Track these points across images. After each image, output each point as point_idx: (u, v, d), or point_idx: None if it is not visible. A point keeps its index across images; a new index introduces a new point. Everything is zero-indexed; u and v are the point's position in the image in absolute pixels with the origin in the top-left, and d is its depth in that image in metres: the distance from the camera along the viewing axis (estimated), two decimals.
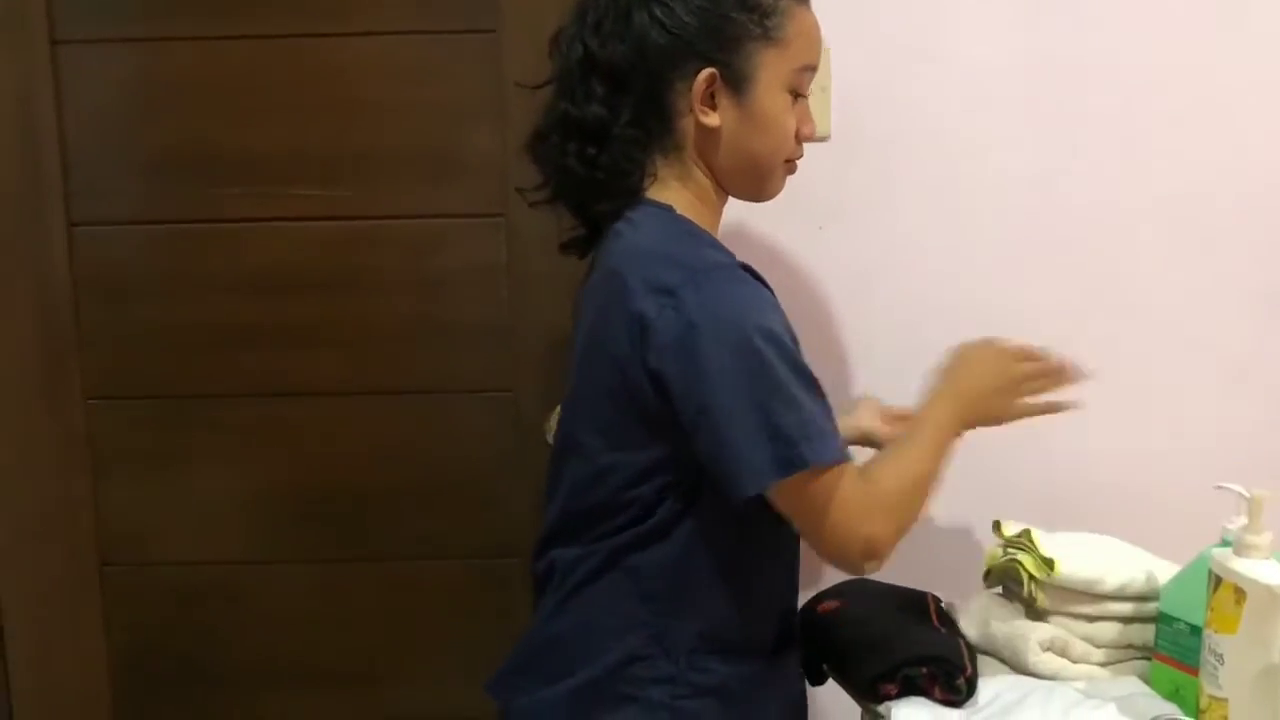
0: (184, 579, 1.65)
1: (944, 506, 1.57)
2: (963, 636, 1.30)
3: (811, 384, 1.12)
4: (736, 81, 1.17)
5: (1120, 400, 1.59)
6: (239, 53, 1.56)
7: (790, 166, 1.25)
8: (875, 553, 1.14)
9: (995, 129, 1.55)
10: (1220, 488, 1.16)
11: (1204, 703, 1.13)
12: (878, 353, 1.59)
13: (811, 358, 1.57)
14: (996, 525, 1.40)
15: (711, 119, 1.18)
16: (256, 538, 1.65)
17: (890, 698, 1.20)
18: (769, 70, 1.18)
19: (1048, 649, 1.27)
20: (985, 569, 1.40)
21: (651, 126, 1.19)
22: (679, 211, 1.20)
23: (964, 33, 1.54)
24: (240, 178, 1.58)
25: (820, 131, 1.54)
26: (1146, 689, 1.24)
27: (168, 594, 1.65)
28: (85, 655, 1.65)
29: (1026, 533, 1.34)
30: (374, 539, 1.65)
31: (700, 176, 1.22)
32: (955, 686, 1.19)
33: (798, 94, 1.21)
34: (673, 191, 1.21)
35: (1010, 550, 1.35)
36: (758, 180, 1.24)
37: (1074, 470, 1.58)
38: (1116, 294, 1.58)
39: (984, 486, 1.57)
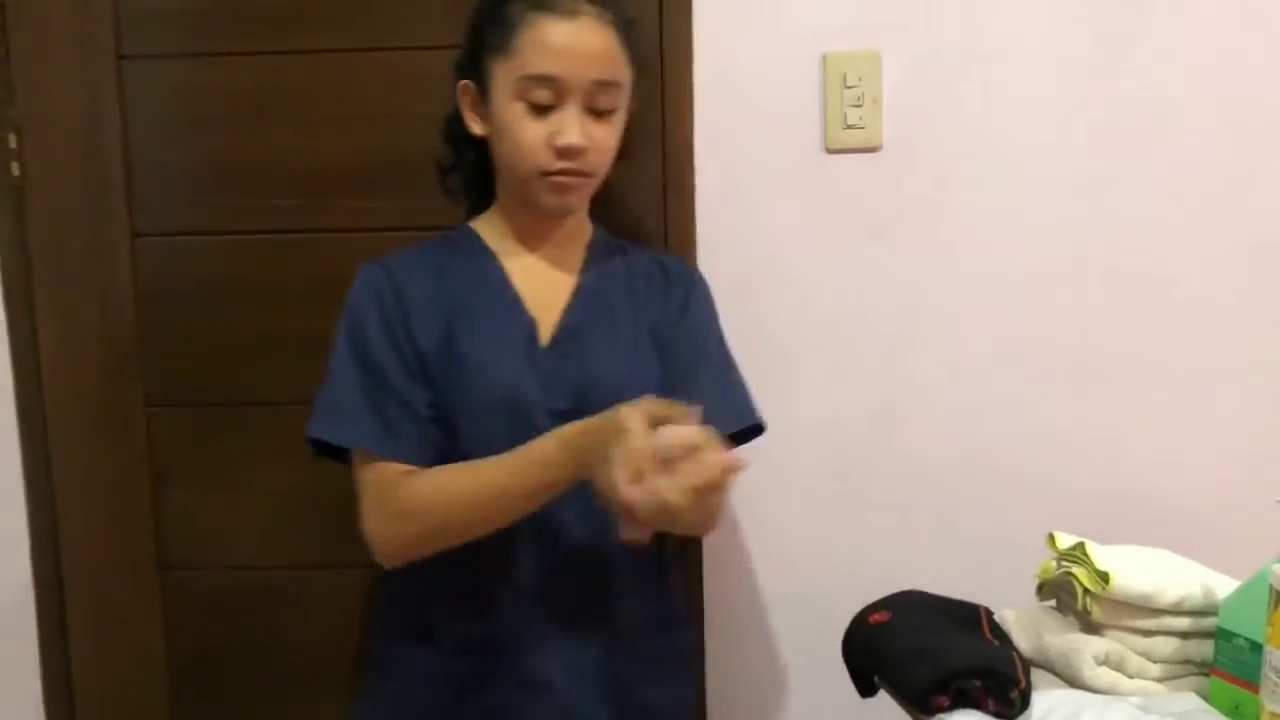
0: (241, 583, 1.68)
1: (995, 517, 1.57)
2: (1016, 649, 1.29)
3: (356, 366, 1.25)
4: (484, 93, 1.27)
5: (1178, 411, 1.57)
6: (294, 68, 1.59)
7: (554, 180, 1.25)
8: (378, 550, 1.24)
9: (1049, 137, 1.55)
10: None
11: None
12: (928, 363, 1.59)
13: (859, 366, 1.59)
14: (1050, 538, 1.39)
15: (476, 128, 1.29)
16: (313, 542, 1.67)
17: (942, 709, 1.19)
18: (499, 80, 1.24)
19: (1103, 663, 1.26)
20: (1038, 581, 1.38)
21: (474, 144, 1.31)
22: (469, 224, 1.35)
23: (1016, 41, 1.54)
24: (296, 189, 1.61)
25: (871, 142, 1.55)
26: (1205, 705, 1.22)
27: (225, 597, 1.68)
28: (145, 658, 1.68)
29: (1081, 545, 1.33)
30: None
31: (504, 196, 1.33)
32: (1009, 699, 1.18)
33: (536, 104, 1.22)
34: (491, 213, 1.35)
35: (1064, 563, 1.34)
36: (521, 190, 1.29)
37: (1130, 482, 1.57)
38: (1174, 303, 1.57)
39: (1037, 497, 1.56)
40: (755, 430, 1.34)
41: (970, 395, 1.58)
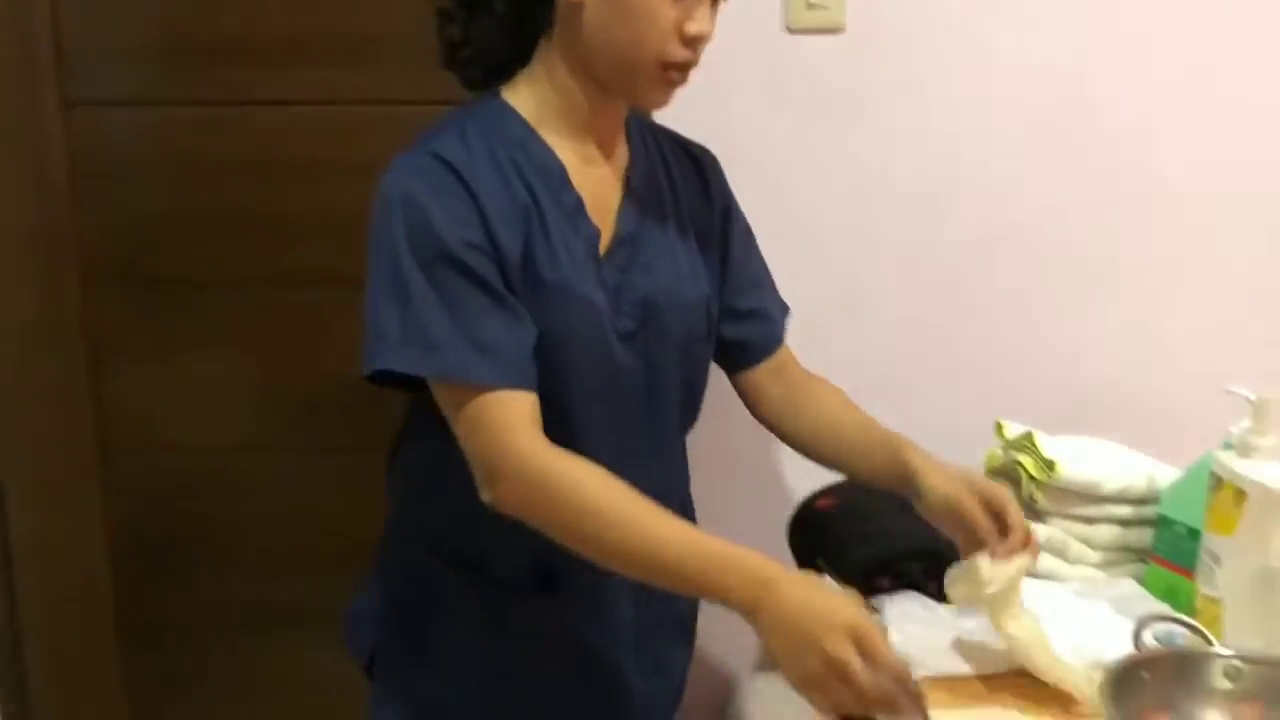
0: (184, 465, 1.66)
1: (948, 405, 1.57)
2: None
3: (434, 282, 1.03)
4: None
5: (1129, 302, 1.57)
6: None
7: (670, 73, 1.08)
8: (495, 502, 1.04)
9: (1015, 18, 1.51)
10: (1229, 391, 1.14)
11: (1199, 603, 1.13)
12: (890, 250, 1.57)
13: (821, 252, 1.56)
14: (998, 426, 1.40)
15: None
16: (258, 426, 1.65)
17: (883, 591, 1.21)
18: None
19: (1044, 549, 1.27)
20: (985, 469, 1.40)
21: (490, 11, 1.11)
22: (508, 100, 1.12)
23: None
24: (242, 59, 1.54)
25: (834, 23, 1.50)
26: (1141, 590, 1.25)
27: (168, 480, 1.66)
28: (85, 540, 1.66)
29: (1029, 435, 1.34)
30: (374, 429, 1.64)
31: (561, 67, 1.11)
32: None
33: None
34: (530, 82, 1.13)
35: (1011, 451, 1.35)
36: (625, 76, 1.09)
37: (1078, 372, 1.57)
38: (1133, 188, 1.55)
39: (985, 387, 1.57)
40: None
41: (932, 284, 1.57)
